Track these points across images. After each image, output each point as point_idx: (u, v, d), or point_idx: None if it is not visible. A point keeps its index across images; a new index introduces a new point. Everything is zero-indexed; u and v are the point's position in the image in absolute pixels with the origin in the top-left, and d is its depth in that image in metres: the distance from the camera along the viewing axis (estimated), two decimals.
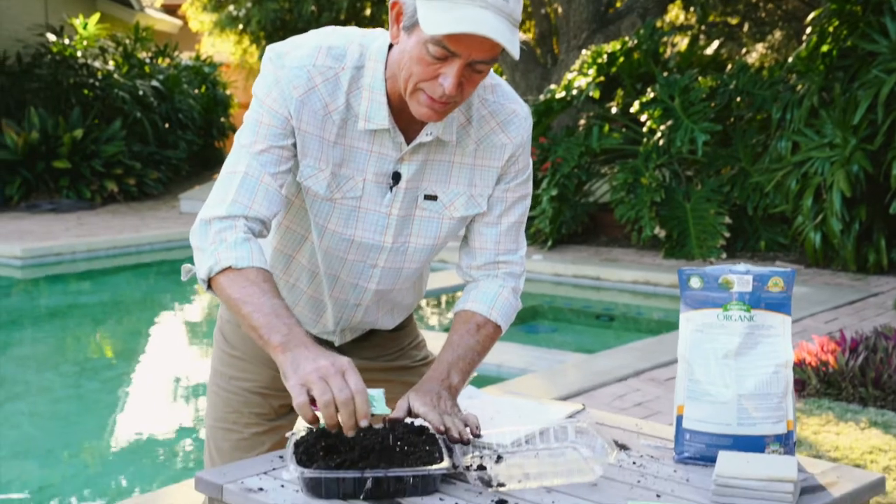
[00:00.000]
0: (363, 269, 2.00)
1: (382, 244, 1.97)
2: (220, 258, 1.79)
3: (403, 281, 2.05)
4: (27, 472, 4.78)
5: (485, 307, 2.00)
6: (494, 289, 2.03)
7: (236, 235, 1.81)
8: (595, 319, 7.98)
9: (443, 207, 1.97)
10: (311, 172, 1.90)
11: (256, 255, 1.81)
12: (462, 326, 1.99)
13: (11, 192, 12.86)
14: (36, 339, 7.48)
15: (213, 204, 1.85)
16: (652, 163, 9.04)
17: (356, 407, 1.62)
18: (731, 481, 1.62)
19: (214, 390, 2.17)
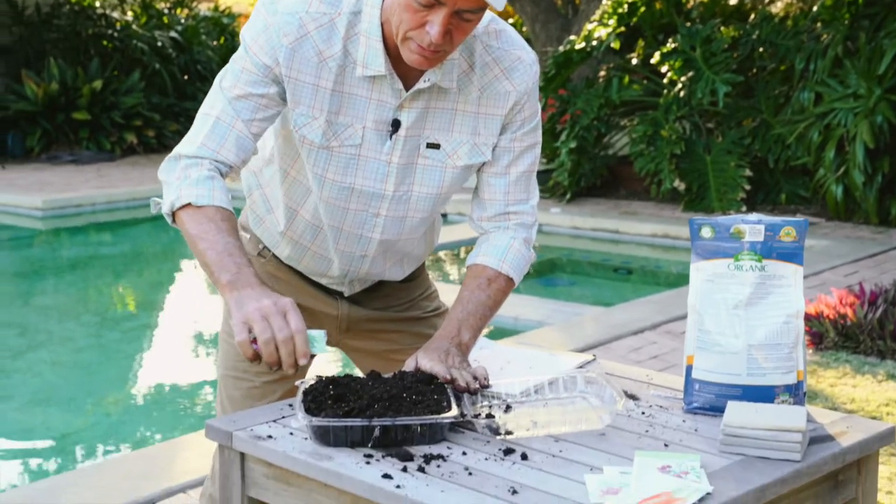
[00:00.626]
0: (366, 218, 1.99)
1: (384, 192, 1.95)
2: (182, 194, 1.81)
3: (409, 231, 2.04)
4: (50, 419, 4.84)
5: (496, 260, 1.99)
6: (505, 241, 2.01)
7: (200, 172, 1.83)
8: (613, 273, 7.97)
9: (445, 156, 1.95)
10: (304, 121, 1.88)
11: (218, 193, 1.82)
12: (473, 281, 1.98)
13: (32, 144, 12.88)
14: (57, 289, 7.54)
15: (185, 143, 1.88)
16: (672, 115, 8.94)
17: (296, 346, 1.64)
18: (738, 431, 1.61)
19: (226, 339, 2.17)
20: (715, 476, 1.53)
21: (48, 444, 4.55)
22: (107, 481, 3.30)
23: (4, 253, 9.04)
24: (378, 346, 2.21)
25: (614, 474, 1.52)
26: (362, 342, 2.22)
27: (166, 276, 8.23)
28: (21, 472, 4.22)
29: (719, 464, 1.58)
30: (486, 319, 1.97)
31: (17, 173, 11.55)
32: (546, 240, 8.75)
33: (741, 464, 1.58)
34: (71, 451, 4.46)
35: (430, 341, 1.89)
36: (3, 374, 5.46)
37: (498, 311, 2.03)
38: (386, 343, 2.20)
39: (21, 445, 4.51)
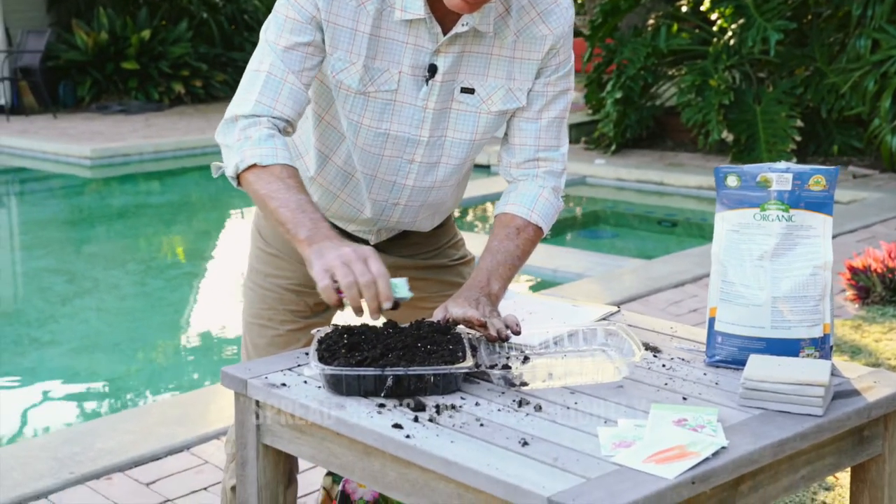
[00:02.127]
0: (400, 164, 1.96)
1: (419, 138, 1.93)
2: (246, 155, 1.79)
3: (442, 179, 2.01)
4: (95, 364, 4.93)
5: (524, 209, 1.97)
6: (534, 189, 1.98)
7: (261, 132, 1.80)
8: (657, 225, 7.87)
9: (480, 101, 1.92)
10: (342, 66, 1.86)
11: (281, 151, 1.80)
12: (502, 231, 1.96)
13: (83, 93, 13.01)
14: (104, 237, 7.64)
15: (238, 102, 1.85)
16: (721, 64, 8.75)
17: (378, 290, 1.61)
18: (759, 385, 1.57)
19: (250, 286, 2.17)
20: (732, 430, 1.49)
21: (92, 389, 4.63)
22: (143, 426, 3.34)
23: (55, 201, 9.17)
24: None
25: (628, 427, 1.50)
26: None
27: (211, 225, 8.29)
28: (65, 415, 4.30)
29: (738, 418, 1.54)
30: (515, 269, 1.95)
31: (68, 122, 11.69)
32: (590, 191, 8.67)
33: (760, 418, 1.54)
34: (113, 395, 4.54)
35: (460, 291, 1.87)
36: (51, 319, 5.56)
37: (538, 264, 2.02)
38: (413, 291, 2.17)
39: (67, 389, 4.60)
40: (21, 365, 4.87)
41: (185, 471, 3.05)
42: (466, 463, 1.39)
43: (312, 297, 2.11)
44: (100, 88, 13.15)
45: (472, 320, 1.76)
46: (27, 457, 3.12)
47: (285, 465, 1.97)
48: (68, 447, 3.17)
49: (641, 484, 1.33)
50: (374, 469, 1.53)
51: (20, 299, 6.15)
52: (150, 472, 3.04)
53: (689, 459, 1.39)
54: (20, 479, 2.96)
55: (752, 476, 1.49)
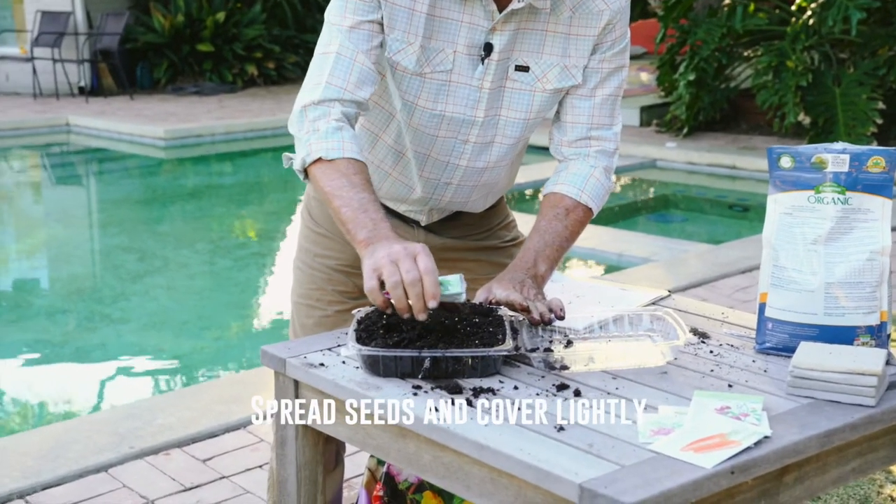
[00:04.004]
0: (454, 145, 1.94)
1: (474, 118, 1.90)
2: (312, 149, 1.76)
3: (496, 159, 1.98)
4: (163, 341, 5.01)
5: (575, 189, 1.93)
6: (585, 169, 1.95)
7: (328, 124, 1.77)
8: (728, 210, 7.73)
9: (535, 80, 1.89)
10: (399, 46, 1.84)
11: (348, 144, 1.77)
12: (550, 211, 1.92)
13: (159, 75, 13.22)
14: (175, 216, 7.76)
15: (309, 88, 1.82)
16: (800, 44, 8.53)
17: (424, 288, 1.56)
18: (808, 373, 1.52)
19: (299, 266, 2.17)
20: (777, 419, 1.44)
21: (158, 365, 4.71)
22: (202, 403, 3.38)
23: (129, 181, 9.35)
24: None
25: (669, 414, 1.46)
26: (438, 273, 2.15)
27: (279, 206, 8.36)
28: (129, 390, 4.38)
29: (785, 407, 1.49)
30: (563, 251, 1.91)
31: (144, 104, 11.89)
32: (660, 175, 8.54)
33: (808, 407, 1.49)
34: (177, 372, 4.61)
35: (505, 272, 1.84)
36: (122, 297, 5.67)
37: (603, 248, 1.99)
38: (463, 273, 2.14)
39: (133, 365, 4.69)
40: (91, 340, 4.98)
41: (240, 448, 3.08)
42: (499, 447, 1.36)
43: (361, 277, 2.10)
44: (175, 70, 13.35)
45: (514, 303, 1.72)
46: (90, 431, 3.18)
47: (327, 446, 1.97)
48: (129, 422, 3.22)
49: (678, 472, 1.29)
50: (409, 451, 1.52)
51: (94, 276, 6.29)
52: (207, 448, 3.08)
53: (730, 448, 1.34)
54: (82, 452, 3.02)
55: (797, 467, 1.44)
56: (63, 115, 10.94)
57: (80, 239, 7.16)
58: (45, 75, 12.39)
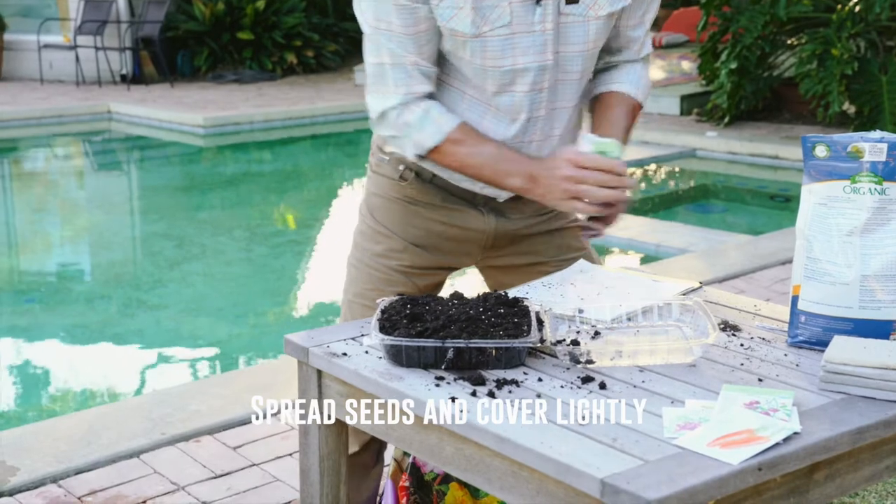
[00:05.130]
0: (533, 98, 1.91)
1: (546, 63, 1.88)
2: (416, 144, 1.87)
3: (566, 100, 1.96)
4: (198, 328, 5.04)
5: (635, 90, 2.03)
6: (638, 71, 2.05)
7: (414, 114, 1.86)
8: (769, 200, 7.62)
9: (586, 8, 1.87)
10: (451, 13, 1.80)
11: (442, 119, 1.86)
12: (622, 108, 2.00)
13: (200, 63, 13.28)
14: (213, 204, 7.80)
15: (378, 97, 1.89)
16: (845, 32, 8.37)
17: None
18: (841, 368, 1.48)
19: (355, 264, 2.12)
20: (808, 415, 1.40)
21: (192, 352, 4.74)
22: (232, 390, 3.39)
23: (168, 168, 9.42)
24: (521, 260, 2.12)
25: (696, 408, 1.42)
26: (505, 258, 2.13)
27: (317, 194, 8.38)
28: (164, 377, 4.41)
29: (816, 402, 1.45)
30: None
31: (184, 91, 11.96)
32: (700, 165, 8.44)
33: (840, 403, 1.45)
34: (212, 359, 4.63)
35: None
36: (160, 283, 5.70)
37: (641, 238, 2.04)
38: (531, 256, 2.12)
39: (168, 351, 4.72)
40: (129, 326, 5.01)
41: (271, 436, 3.08)
42: (520, 440, 1.34)
43: (422, 278, 2.08)
44: (216, 58, 13.41)
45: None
46: (122, 417, 3.20)
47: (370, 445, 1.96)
48: (161, 408, 3.23)
49: (703, 469, 1.26)
50: (432, 443, 1.50)
51: (132, 262, 6.34)
52: (238, 436, 3.08)
53: (757, 444, 1.31)
54: (115, 438, 3.03)
55: (828, 464, 1.40)
56: (105, 103, 11.04)
57: (120, 225, 7.22)
58: (87, 63, 12.51)
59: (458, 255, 2.09)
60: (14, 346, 4.81)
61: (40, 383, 4.45)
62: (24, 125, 10.33)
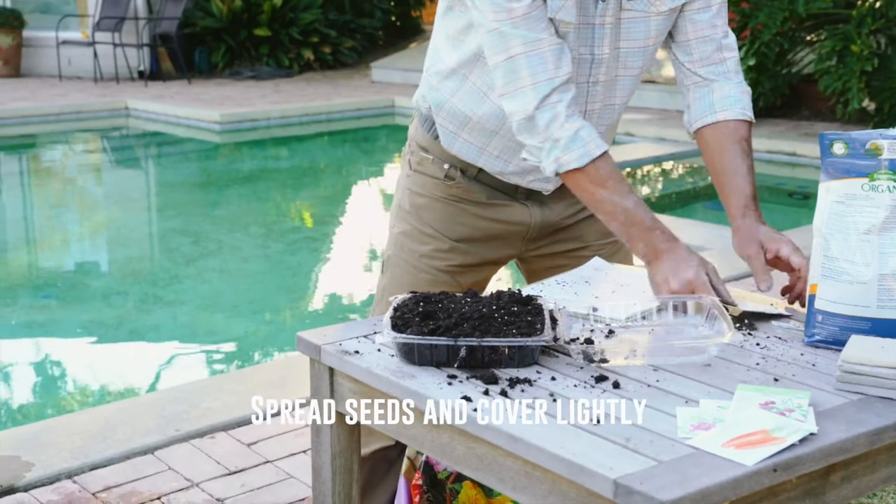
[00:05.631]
0: (586, 89, 1.90)
1: (601, 57, 1.87)
2: (561, 162, 1.77)
3: (621, 94, 1.95)
4: (214, 324, 5.05)
5: (739, 111, 1.93)
6: (737, 88, 1.95)
7: (565, 130, 1.75)
8: (788, 198, 7.57)
9: (648, 4, 1.86)
10: (559, 4, 1.79)
11: (591, 143, 1.76)
12: (736, 146, 1.91)
13: (217, 59, 13.32)
14: (229, 200, 7.81)
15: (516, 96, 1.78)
16: (866, 28, 8.31)
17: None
18: (858, 368, 1.46)
19: (400, 265, 2.09)
20: (825, 415, 1.39)
21: (208, 348, 4.74)
22: (247, 387, 3.39)
23: (185, 164, 9.44)
24: (563, 247, 2.13)
25: (710, 408, 1.41)
26: (548, 247, 2.13)
27: (333, 191, 8.38)
28: (178, 373, 4.41)
29: (833, 403, 1.43)
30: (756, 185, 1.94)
31: (202, 88, 11.99)
32: None
33: (858, 404, 1.43)
34: (227, 355, 4.64)
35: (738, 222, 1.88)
36: (176, 279, 5.72)
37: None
38: (572, 242, 2.12)
39: (184, 348, 4.72)
40: (145, 323, 5.02)
41: (285, 433, 3.07)
42: (533, 440, 1.33)
43: (467, 276, 2.08)
44: (233, 55, 13.44)
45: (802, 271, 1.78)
46: (137, 413, 3.21)
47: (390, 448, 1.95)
48: (175, 405, 3.24)
49: (717, 469, 1.25)
50: (443, 442, 1.49)
51: (149, 259, 6.35)
52: (252, 432, 3.08)
53: (773, 445, 1.29)
54: (129, 434, 3.04)
55: (844, 465, 1.38)
56: (122, 99, 11.07)
57: (137, 221, 7.24)
58: (105, 59, 12.55)
59: (502, 248, 2.10)
60: (31, 341, 4.83)
61: (56, 379, 4.46)
62: (43, 121, 10.38)
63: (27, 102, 10.74)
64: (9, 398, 4.20)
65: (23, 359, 4.61)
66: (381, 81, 12.31)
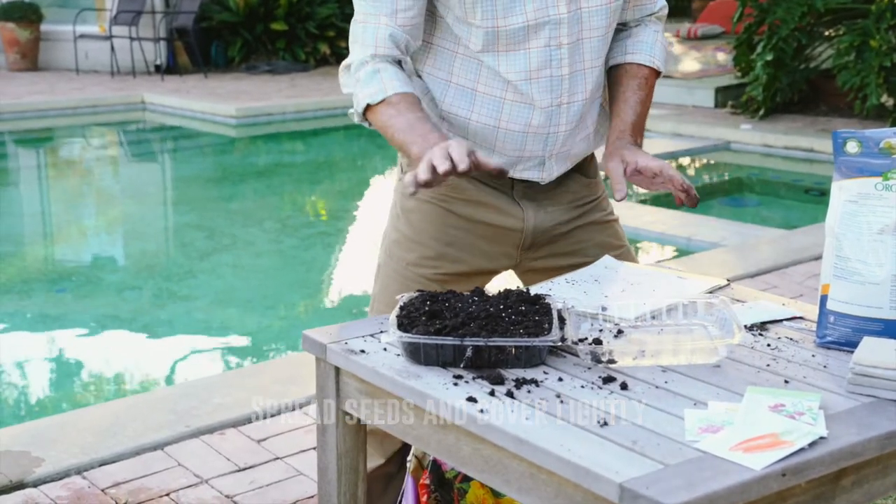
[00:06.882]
0: (550, 54, 1.87)
1: (559, 17, 1.85)
2: (360, 98, 1.84)
3: (589, 59, 1.92)
4: (227, 319, 5.05)
5: (648, 57, 2.01)
6: (651, 35, 2.04)
7: (366, 70, 1.83)
8: (804, 194, 7.52)
9: None
10: None
11: (389, 82, 1.81)
12: (633, 81, 1.99)
13: (233, 54, 13.32)
14: (244, 195, 7.81)
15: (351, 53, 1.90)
16: (885, 23, 8.24)
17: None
18: (870, 370, 1.44)
19: (389, 273, 2.06)
20: (835, 419, 1.36)
21: (220, 343, 4.74)
22: (257, 382, 3.39)
23: (201, 158, 9.45)
24: (562, 262, 2.06)
25: (719, 411, 1.39)
26: (545, 260, 2.07)
27: (349, 185, 8.38)
28: (190, 369, 4.42)
29: (844, 405, 1.41)
30: (645, 119, 2.01)
31: (218, 82, 12.00)
32: (734, 158, 8.35)
33: (869, 407, 1.41)
34: (239, 351, 4.64)
35: (610, 144, 1.92)
36: (190, 274, 5.72)
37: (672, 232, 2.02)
38: (571, 257, 2.06)
39: (196, 343, 4.73)
40: (158, 317, 5.03)
41: (295, 429, 3.07)
42: (538, 442, 1.31)
43: (458, 286, 1.99)
44: (249, 49, 13.44)
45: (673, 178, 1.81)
46: (148, 408, 3.21)
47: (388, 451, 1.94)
48: (186, 401, 3.24)
49: (724, 473, 1.23)
50: (449, 443, 1.47)
51: (163, 253, 6.37)
52: (262, 429, 3.08)
53: (782, 449, 1.27)
54: (140, 430, 3.04)
55: (855, 469, 1.36)
56: (139, 93, 11.10)
57: (152, 216, 7.26)
58: (122, 53, 12.58)
59: (494, 256, 2.04)
60: (45, 334, 4.85)
61: (69, 373, 4.47)
62: (60, 115, 10.41)
63: (45, 96, 10.78)
64: (21, 391, 4.22)
65: (36, 352, 4.62)
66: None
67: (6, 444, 2.92)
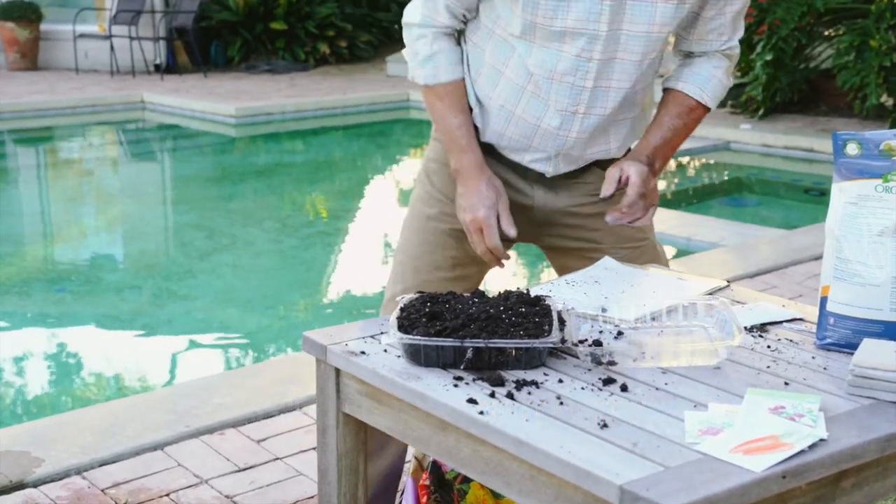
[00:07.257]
0: (578, 64, 1.89)
1: (597, 32, 1.86)
2: (415, 74, 2.01)
3: (617, 79, 1.92)
4: (228, 319, 5.05)
5: (697, 90, 2.01)
6: (708, 70, 2.03)
7: (424, 49, 1.97)
8: (804, 194, 7.52)
9: None
10: None
11: (442, 69, 1.98)
12: (674, 108, 2.02)
13: (233, 53, 13.32)
14: (244, 194, 7.81)
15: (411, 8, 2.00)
16: (885, 23, 8.24)
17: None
18: (870, 372, 1.44)
19: (410, 227, 2.16)
20: (835, 421, 1.37)
21: (220, 343, 4.74)
22: (258, 383, 3.38)
23: (200, 158, 9.45)
24: (577, 245, 2.12)
25: (719, 412, 1.39)
26: (561, 239, 2.13)
27: (348, 185, 8.37)
28: (190, 368, 4.42)
29: (844, 407, 1.41)
30: (677, 149, 2.05)
31: (217, 81, 12.00)
32: (733, 157, 8.35)
33: (869, 409, 1.41)
34: (239, 351, 4.64)
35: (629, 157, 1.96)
36: (190, 274, 5.72)
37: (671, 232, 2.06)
38: (585, 242, 2.11)
39: (196, 343, 4.72)
40: (158, 317, 5.03)
41: (295, 430, 3.07)
42: (538, 444, 1.31)
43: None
44: (249, 49, 13.44)
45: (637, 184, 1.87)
46: (147, 408, 3.20)
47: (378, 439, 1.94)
48: (186, 401, 3.23)
49: (724, 476, 1.23)
50: (449, 444, 1.47)
51: (163, 253, 6.36)
52: (261, 429, 3.07)
53: (782, 451, 1.28)
54: (139, 430, 3.04)
55: (855, 472, 1.36)
56: (138, 93, 11.09)
57: (151, 215, 7.26)
58: (122, 53, 12.57)
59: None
60: (44, 334, 4.85)
61: (69, 373, 4.47)
62: (60, 114, 10.41)
63: (44, 96, 10.77)
64: (21, 392, 4.22)
65: (36, 352, 4.62)
66: (396, 75, 12.27)
67: (6, 444, 2.92)
